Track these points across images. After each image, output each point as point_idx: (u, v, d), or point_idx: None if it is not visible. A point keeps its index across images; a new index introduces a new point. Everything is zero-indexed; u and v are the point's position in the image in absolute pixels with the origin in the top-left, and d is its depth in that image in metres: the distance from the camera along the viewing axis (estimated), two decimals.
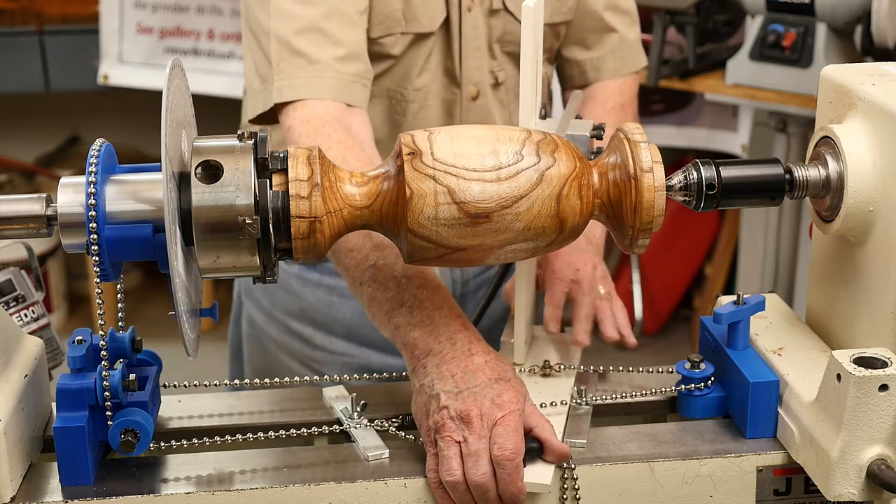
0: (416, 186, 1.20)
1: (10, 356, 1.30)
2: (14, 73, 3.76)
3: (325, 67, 1.58)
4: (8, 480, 1.23)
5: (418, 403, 1.32)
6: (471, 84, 1.77)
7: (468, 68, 1.77)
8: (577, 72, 1.91)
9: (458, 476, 1.25)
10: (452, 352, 1.31)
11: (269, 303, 1.91)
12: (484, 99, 1.79)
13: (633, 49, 1.92)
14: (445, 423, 1.26)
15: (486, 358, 1.31)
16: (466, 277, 1.88)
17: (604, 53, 1.89)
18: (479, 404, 1.26)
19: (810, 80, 2.89)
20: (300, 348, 1.89)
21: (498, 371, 1.30)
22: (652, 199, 1.21)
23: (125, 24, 3.62)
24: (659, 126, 3.67)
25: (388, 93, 1.75)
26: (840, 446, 1.19)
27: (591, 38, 1.88)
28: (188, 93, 1.27)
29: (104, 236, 1.16)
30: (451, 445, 1.26)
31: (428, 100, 1.76)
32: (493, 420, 1.26)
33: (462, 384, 1.28)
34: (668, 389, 1.45)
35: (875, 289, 1.26)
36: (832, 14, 2.86)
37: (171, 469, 1.30)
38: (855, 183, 1.25)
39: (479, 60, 1.77)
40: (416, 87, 1.75)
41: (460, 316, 1.36)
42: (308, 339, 1.88)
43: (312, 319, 1.87)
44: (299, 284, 1.86)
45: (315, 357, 1.88)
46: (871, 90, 1.26)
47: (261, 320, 1.93)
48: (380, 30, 1.69)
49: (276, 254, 1.21)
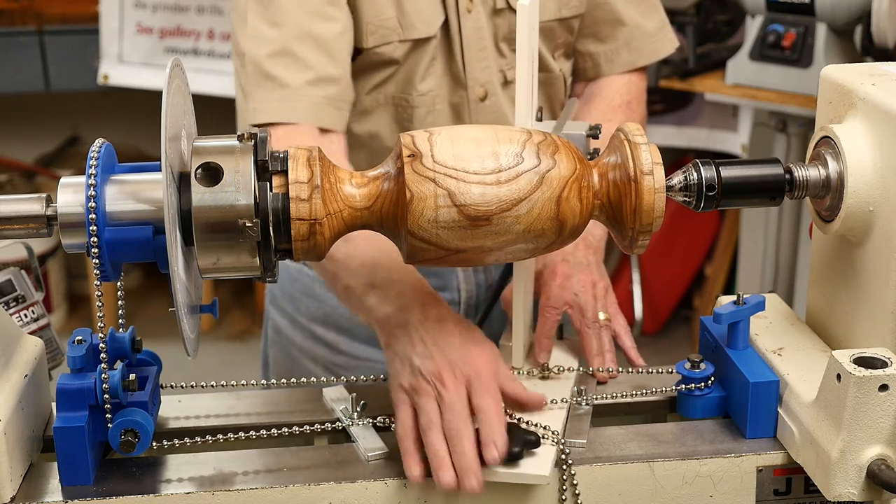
0: (417, 189, 1.19)
1: (10, 356, 1.30)
2: (14, 73, 3.76)
3: (295, 92, 1.60)
4: (8, 480, 1.23)
5: (392, 372, 1.36)
6: (477, 85, 1.76)
7: (473, 70, 1.75)
8: (591, 64, 1.88)
9: (436, 420, 1.28)
10: (424, 321, 1.35)
11: (293, 308, 1.91)
12: (494, 99, 1.78)
13: (653, 38, 1.87)
14: (420, 384, 1.31)
15: (455, 321, 1.36)
16: (492, 281, 1.84)
17: (618, 45, 1.85)
18: (451, 362, 1.31)
19: (810, 80, 2.89)
20: (324, 354, 1.89)
21: (469, 334, 1.35)
22: (652, 202, 1.21)
23: (125, 24, 3.62)
24: (659, 126, 3.67)
25: (394, 100, 1.75)
26: (840, 446, 1.19)
27: (604, 30, 1.85)
28: (188, 93, 1.27)
29: (104, 237, 1.16)
30: (429, 401, 1.30)
31: (436, 104, 1.75)
32: (466, 376, 1.30)
33: (434, 346, 1.32)
34: (668, 389, 1.45)
35: (875, 289, 1.26)
36: (832, 14, 2.86)
37: (171, 469, 1.30)
38: (855, 183, 1.25)
39: (484, 61, 1.76)
40: (420, 93, 1.74)
41: (430, 291, 1.41)
42: (332, 344, 1.88)
43: (336, 325, 1.87)
44: (323, 290, 1.86)
45: (339, 362, 1.88)
46: (871, 90, 1.26)
47: (285, 327, 1.93)
48: (375, 39, 1.69)
49: (276, 254, 1.21)
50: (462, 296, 1.84)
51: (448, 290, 1.83)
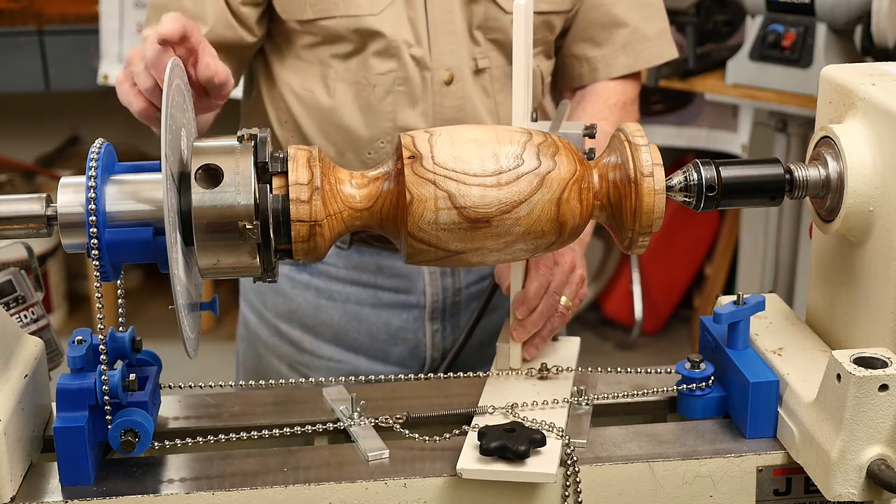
0: (417, 191, 1.19)
1: (10, 356, 1.30)
2: (14, 73, 3.76)
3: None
4: (8, 480, 1.23)
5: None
6: (443, 68, 1.72)
7: (439, 52, 1.71)
8: (587, 69, 1.83)
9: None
10: None
11: (260, 303, 1.90)
12: (460, 84, 1.73)
13: (653, 42, 1.83)
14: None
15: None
16: (459, 286, 1.84)
17: (614, 49, 1.81)
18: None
19: (810, 80, 2.89)
20: (289, 351, 1.88)
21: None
22: (652, 203, 1.21)
23: (125, 24, 3.62)
24: (659, 126, 3.67)
25: (354, 76, 1.72)
26: (840, 446, 1.19)
27: (599, 33, 1.81)
28: (188, 92, 1.27)
29: (104, 238, 1.16)
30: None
31: (395, 85, 1.72)
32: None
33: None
34: (668, 389, 1.45)
35: (875, 289, 1.26)
36: (832, 14, 2.86)
37: (171, 469, 1.30)
38: (855, 183, 1.25)
39: (452, 45, 1.72)
40: (380, 72, 1.71)
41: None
42: (296, 342, 1.87)
43: (301, 322, 1.86)
44: (289, 286, 1.85)
45: (303, 361, 1.87)
46: (871, 90, 1.26)
47: (253, 322, 1.92)
48: (314, 12, 1.68)
49: (276, 255, 1.21)
50: (427, 299, 1.82)
51: (414, 294, 1.82)
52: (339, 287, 1.83)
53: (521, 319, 1.49)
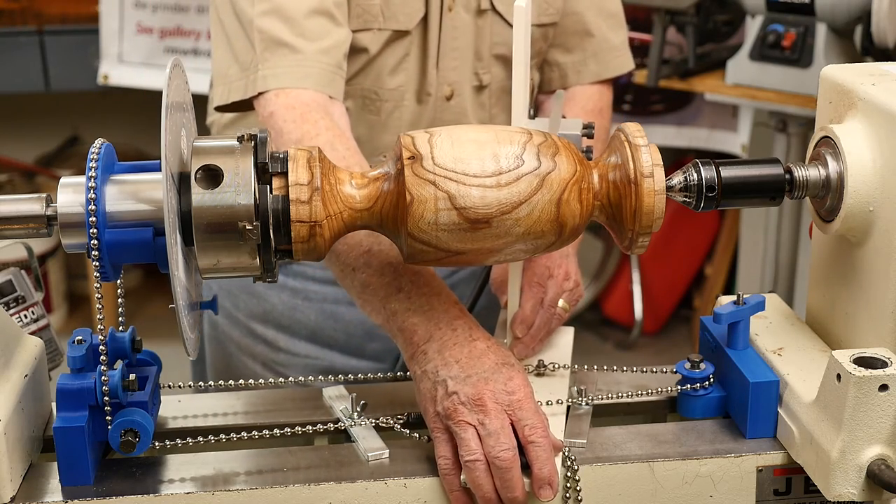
0: (417, 192, 1.19)
1: (10, 356, 1.30)
2: (14, 73, 3.76)
3: (308, 57, 1.59)
4: (8, 480, 1.23)
5: (422, 391, 1.29)
6: (445, 84, 1.76)
7: (444, 68, 1.75)
8: (558, 74, 1.89)
9: (479, 454, 1.22)
10: (454, 338, 1.29)
11: (231, 305, 1.89)
12: (458, 100, 1.77)
13: (618, 53, 1.90)
14: (457, 409, 1.24)
15: (488, 344, 1.30)
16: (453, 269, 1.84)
17: (585, 57, 1.87)
18: (492, 388, 1.24)
19: (810, 80, 2.88)
20: (263, 351, 1.88)
21: (502, 356, 1.28)
22: (652, 204, 1.21)
23: (125, 24, 3.62)
24: (659, 126, 3.67)
25: (363, 92, 1.74)
26: (840, 446, 1.19)
27: (572, 40, 1.86)
28: (188, 93, 1.27)
29: (104, 238, 1.16)
30: (467, 428, 1.23)
31: (403, 100, 1.75)
32: (506, 403, 1.24)
33: (469, 369, 1.26)
34: (668, 389, 1.45)
35: (875, 289, 1.26)
36: (832, 14, 2.85)
37: (171, 469, 1.30)
38: (855, 183, 1.25)
39: (456, 61, 1.75)
40: (390, 87, 1.73)
41: (457, 303, 1.35)
42: (271, 341, 1.87)
43: (276, 322, 1.86)
44: (263, 287, 1.85)
45: (278, 360, 1.87)
46: (871, 90, 1.26)
47: (222, 323, 1.91)
48: (357, 23, 1.68)
49: (276, 255, 1.21)
50: None
51: None
52: (316, 287, 1.84)
53: (521, 337, 1.51)
